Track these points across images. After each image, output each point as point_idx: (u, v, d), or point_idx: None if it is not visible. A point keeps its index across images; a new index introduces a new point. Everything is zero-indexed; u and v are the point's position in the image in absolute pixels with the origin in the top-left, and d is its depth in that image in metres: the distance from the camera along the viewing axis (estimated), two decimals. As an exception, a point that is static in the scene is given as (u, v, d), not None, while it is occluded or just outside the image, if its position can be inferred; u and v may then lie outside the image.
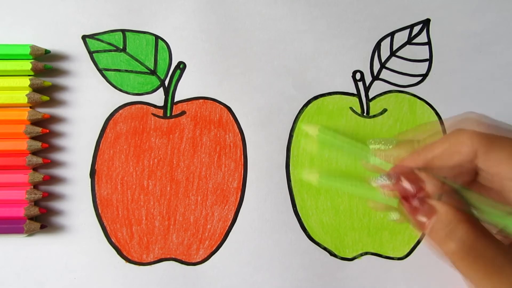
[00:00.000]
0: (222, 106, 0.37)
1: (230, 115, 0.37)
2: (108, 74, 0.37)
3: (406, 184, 0.27)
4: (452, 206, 0.25)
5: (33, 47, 0.35)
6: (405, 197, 0.27)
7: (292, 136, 0.37)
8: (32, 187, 0.34)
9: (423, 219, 0.26)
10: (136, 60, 0.37)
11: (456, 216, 0.25)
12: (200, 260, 0.35)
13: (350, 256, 0.36)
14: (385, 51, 0.38)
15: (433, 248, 0.26)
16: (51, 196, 0.35)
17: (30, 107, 0.35)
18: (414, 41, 0.38)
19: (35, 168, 0.35)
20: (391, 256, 0.36)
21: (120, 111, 0.36)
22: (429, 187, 0.27)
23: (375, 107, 0.37)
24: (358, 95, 0.37)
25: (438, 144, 0.27)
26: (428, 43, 0.38)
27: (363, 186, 0.32)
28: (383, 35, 0.38)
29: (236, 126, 0.37)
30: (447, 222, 0.25)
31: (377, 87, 0.37)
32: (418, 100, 0.37)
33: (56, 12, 0.37)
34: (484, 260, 0.24)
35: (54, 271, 0.35)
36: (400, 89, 0.37)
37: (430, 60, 0.38)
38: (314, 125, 0.36)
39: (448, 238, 0.25)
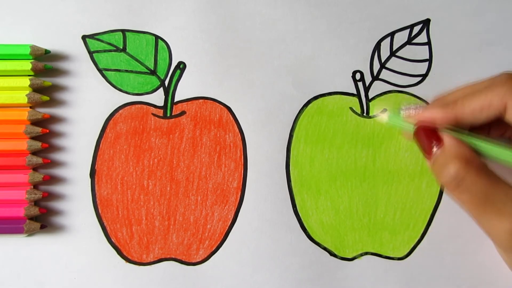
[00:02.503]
0: (222, 106, 0.37)
1: (230, 115, 0.37)
2: (108, 74, 0.37)
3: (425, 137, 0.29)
4: (457, 140, 0.28)
5: (33, 47, 0.35)
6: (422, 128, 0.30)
7: (292, 136, 0.37)
8: (32, 187, 0.34)
9: (433, 148, 0.28)
10: (136, 60, 0.37)
11: (459, 151, 0.27)
12: (200, 260, 0.35)
13: (350, 256, 0.36)
14: (385, 51, 0.38)
15: (450, 197, 0.28)
16: (51, 196, 0.35)
17: (30, 107, 0.35)
18: (414, 41, 0.38)
19: (35, 168, 0.35)
20: (391, 256, 0.36)
21: (120, 111, 0.36)
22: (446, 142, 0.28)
23: (375, 107, 0.37)
24: (358, 95, 0.37)
25: (469, 99, 0.28)
26: (428, 43, 0.38)
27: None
28: (383, 35, 0.38)
29: (236, 126, 0.37)
30: (449, 155, 0.27)
31: (377, 87, 0.37)
32: (418, 100, 0.37)
33: (56, 12, 0.37)
34: (495, 204, 0.26)
35: (54, 271, 0.35)
36: (400, 89, 0.37)
37: (430, 60, 0.38)
38: (383, 113, 0.36)
39: (444, 171, 0.27)
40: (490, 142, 0.28)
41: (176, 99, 0.37)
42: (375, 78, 0.37)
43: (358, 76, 0.37)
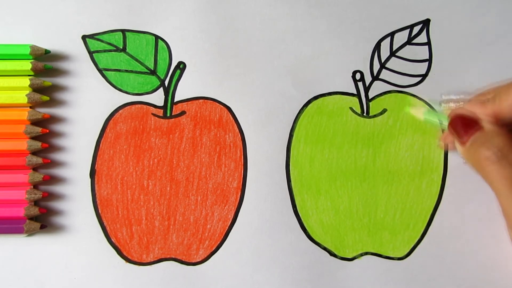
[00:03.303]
0: (222, 106, 0.37)
1: (230, 115, 0.37)
2: (108, 74, 0.37)
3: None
4: (498, 126, 0.28)
5: (33, 47, 0.35)
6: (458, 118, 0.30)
7: (292, 136, 0.37)
8: (32, 187, 0.34)
9: (468, 135, 0.29)
10: (136, 60, 0.37)
11: (501, 131, 0.28)
12: (200, 260, 0.35)
13: (350, 256, 0.36)
14: (385, 51, 0.38)
15: (464, 159, 0.28)
16: (51, 196, 0.35)
17: (30, 107, 0.35)
18: (414, 41, 0.38)
19: (35, 168, 0.35)
20: (391, 256, 0.36)
21: (120, 111, 0.36)
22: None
23: (375, 107, 0.37)
24: (358, 95, 0.37)
25: (506, 94, 0.28)
26: (428, 43, 0.38)
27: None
28: (383, 35, 0.38)
29: (236, 126, 0.37)
30: (491, 134, 0.28)
31: (377, 87, 0.37)
32: (418, 100, 0.37)
33: (56, 12, 0.37)
34: None
35: (54, 271, 0.35)
36: (400, 89, 0.37)
37: (430, 60, 0.38)
38: (420, 109, 0.36)
39: (485, 146, 0.27)
40: None
41: (176, 99, 0.37)
42: (375, 78, 0.37)
43: (358, 76, 0.37)
